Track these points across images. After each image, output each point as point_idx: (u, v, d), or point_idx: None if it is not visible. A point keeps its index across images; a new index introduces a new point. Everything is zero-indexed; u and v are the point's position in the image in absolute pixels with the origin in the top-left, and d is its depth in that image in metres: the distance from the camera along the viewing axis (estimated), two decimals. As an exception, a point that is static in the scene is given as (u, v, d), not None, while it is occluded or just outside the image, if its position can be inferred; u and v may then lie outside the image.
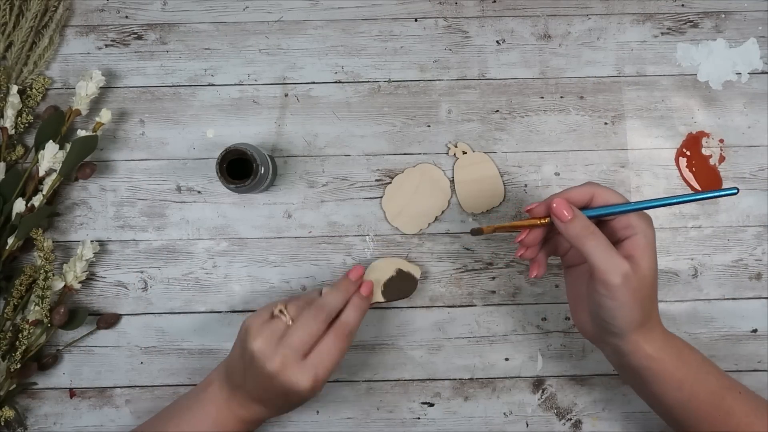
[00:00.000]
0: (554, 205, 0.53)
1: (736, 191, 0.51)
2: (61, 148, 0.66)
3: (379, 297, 0.63)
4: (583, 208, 0.54)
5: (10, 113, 0.67)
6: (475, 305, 0.69)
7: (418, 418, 0.68)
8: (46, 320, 0.65)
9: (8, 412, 0.64)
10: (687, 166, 0.69)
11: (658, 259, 0.68)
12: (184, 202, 0.69)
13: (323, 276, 0.69)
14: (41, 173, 0.66)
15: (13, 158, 0.68)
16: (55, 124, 0.67)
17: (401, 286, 0.64)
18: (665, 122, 0.70)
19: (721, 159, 0.69)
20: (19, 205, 0.65)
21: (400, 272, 0.64)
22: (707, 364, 0.57)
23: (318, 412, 0.68)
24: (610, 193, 0.54)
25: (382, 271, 0.64)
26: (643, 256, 0.52)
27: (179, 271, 0.69)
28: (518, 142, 0.70)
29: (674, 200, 0.54)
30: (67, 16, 0.70)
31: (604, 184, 0.68)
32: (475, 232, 0.58)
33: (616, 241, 0.53)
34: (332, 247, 0.69)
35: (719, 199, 0.69)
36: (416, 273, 0.64)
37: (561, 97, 0.70)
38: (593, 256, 0.52)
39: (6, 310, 0.65)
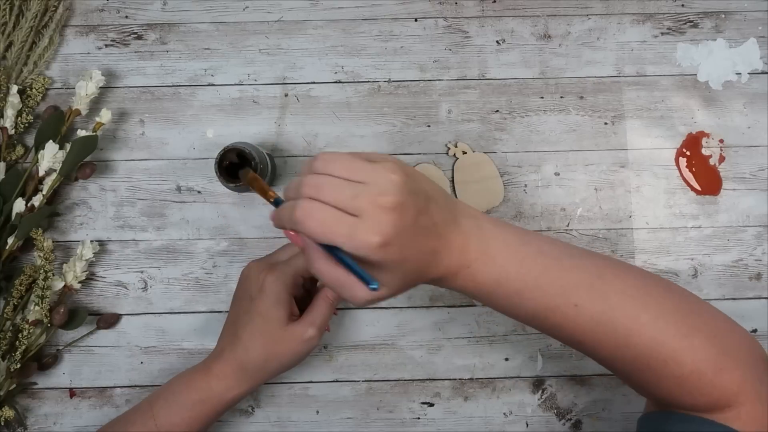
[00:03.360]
0: (288, 233, 0.49)
1: (375, 286, 0.44)
2: (61, 148, 0.66)
3: None
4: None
5: (10, 113, 0.67)
6: (475, 305, 0.69)
7: (418, 418, 0.68)
8: (46, 320, 0.65)
9: (8, 412, 0.64)
10: (687, 166, 0.69)
11: (658, 260, 0.68)
12: (184, 202, 0.69)
13: (323, 276, 0.69)
14: (41, 173, 0.66)
15: (13, 158, 0.68)
16: (55, 124, 0.67)
17: None
18: (665, 122, 0.70)
19: (721, 159, 0.69)
20: (19, 205, 0.65)
21: None
22: (527, 289, 0.50)
23: (318, 412, 0.68)
24: (314, 226, 0.45)
25: None
26: (380, 280, 0.46)
27: (179, 271, 0.69)
28: (518, 142, 0.70)
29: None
30: (67, 16, 0.70)
31: (604, 184, 0.69)
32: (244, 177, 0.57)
33: None
34: (332, 247, 0.69)
35: (719, 199, 0.69)
36: None
37: (561, 97, 0.70)
38: (334, 287, 0.47)
39: (6, 310, 0.65)
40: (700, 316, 0.51)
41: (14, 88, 0.67)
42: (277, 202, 0.52)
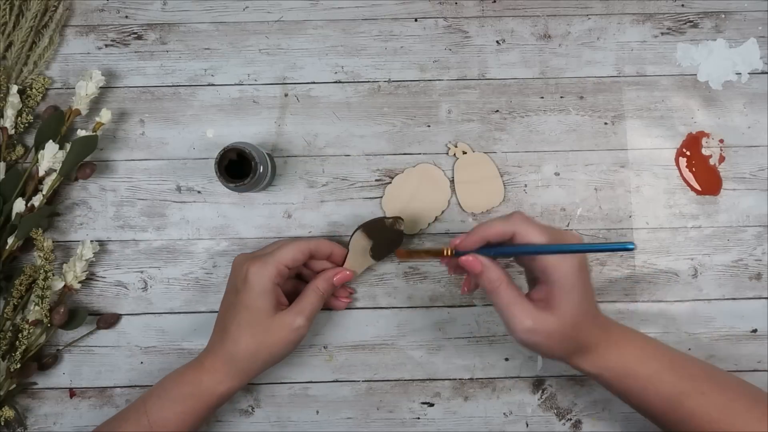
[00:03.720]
0: (467, 258, 0.55)
1: (632, 246, 0.49)
2: (61, 148, 0.66)
3: (368, 262, 0.65)
4: (504, 243, 0.55)
5: (10, 113, 0.67)
6: (475, 305, 0.69)
7: (418, 418, 0.68)
8: (46, 320, 0.65)
9: (8, 412, 0.64)
10: (687, 166, 0.69)
11: (658, 260, 0.68)
12: (184, 202, 0.69)
13: (323, 276, 0.69)
14: (41, 173, 0.66)
15: (13, 158, 0.68)
16: (55, 124, 0.67)
17: (386, 238, 0.65)
18: (665, 122, 0.70)
19: (721, 159, 0.69)
20: (19, 205, 0.65)
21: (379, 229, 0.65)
22: (663, 371, 0.56)
23: (318, 412, 0.68)
24: (533, 232, 0.53)
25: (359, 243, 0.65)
26: (559, 303, 0.53)
27: (179, 271, 0.69)
28: (518, 142, 0.70)
29: (578, 248, 0.52)
30: (67, 16, 0.70)
31: (604, 184, 0.69)
32: (399, 253, 0.62)
33: (534, 279, 0.55)
34: (332, 247, 0.69)
35: (719, 199, 0.69)
36: (400, 224, 0.65)
37: (561, 97, 0.70)
38: (499, 310, 0.54)
39: (6, 310, 0.65)
40: None
41: (14, 88, 0.67)
42: (457, 254, 0.56)
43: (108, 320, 0.68)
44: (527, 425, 0.68)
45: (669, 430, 0.58)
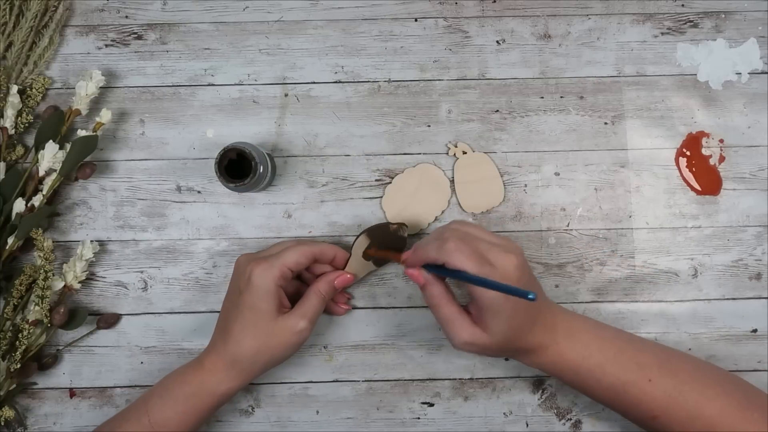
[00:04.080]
0: (410, 272, 0.58)
1: (533, 297, 0.49)
2: (61, 148, 0.66)
3: (370, 267, 0.66)
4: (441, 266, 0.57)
5: (10, 113, 0.67)
6: (475, 305, 0.69)
7: (418, 418, 0.68)
8: (46, 320, 0.65)
9: (8, 412, 0.64)
10: (687, 166, 0.69)
11: (658, 260, 0.68)
12: (184, 202, 0.69)
13: (323, 276, 0.69)
14: (41, 173, 0.66)
15: (13, 158, 0.68)
16: (55, 124, 0.67)
17: (389, 245, 0.66)
18: (665, 122, 0.70)
19: (721, 159, 0.69)
20: (19, 205, 0.65)
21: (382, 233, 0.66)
22: (606, 363, 0.58)
23: (318, 412, 0.68)
24: (461, 261, 0.54)
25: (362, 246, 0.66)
26: (488, 324, 0.56)
27: (179, 271, 0.69)
28: (518, 142, 0.70)
29: (488, 284, 0.54)
30: (67, 16, 0.70)
31: (604, 184, 0.69)
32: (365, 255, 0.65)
33: (472, 299, 0.57)
34: (332, 247, 0.69)
35: (719, 199, 0.69)
36: (403, 230, 0.66)
37: (561, 97, 0.70)
38: (439, 323, 0.58)
39: (6, 310, 0.65)
40: (757, 395, 0.58)
41: (14, 88, 0.67)
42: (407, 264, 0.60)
43: (108, 320, 0.68)
44: (527, 425, 0.68)
45: (619, 413, 0.61)
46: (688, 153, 0.70)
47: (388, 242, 0.65)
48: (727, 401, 0.57)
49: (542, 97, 0.70)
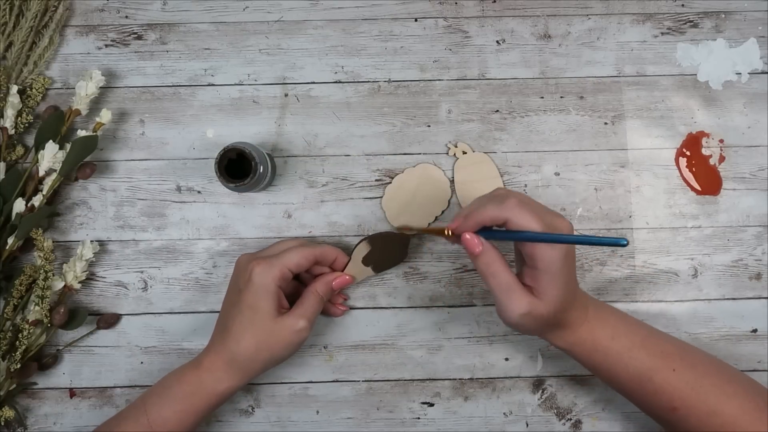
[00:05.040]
0: (467, 237, 0.55)
1: (625, 243, 0.51)
2: (61, 148, 0.66)
3: (368, 272, 0.65)
4: (500, 225, 0.55)
5: (10, 113, 0.67)
6: (475, 305, 0.69)
7: (418, 418, 0.68)
8: (46, 320, 0.65)
9: (8, 412, 0.64)
10: (687, 166, 0.69)
11: (659, 260, 0.69)
12: (184, 202, 0.69)
13: (323, 276, 0.69)
14: (41, 173, 0.66)
15: (13, 158, 0.68)
16: (55, 124, 0.67)
17: (389, 253, 0.66)
18: (665, 122, 0.70)
19: (721, 159, 0.69)
20: (19, 205, 0.65)
21: (383, 240, 0.66)
22: (634, 347, 0.58)
23: (318, 412, 0.68)
24: (526, 218, 0.53)
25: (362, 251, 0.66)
26: (545, 289, 0.54)
27: (179, 271, 0.69)
28: (518, 142, 0.70)
29: (571, 239, 0.53)
30: (67, 16, 0.70)
31: (604, 184, 0.69)
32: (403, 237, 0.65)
33: (525, 265, 0.56)
34: (332, 247, 0.69)
35: (719, 199, 0.69)
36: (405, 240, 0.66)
37: (561, 97, 0.70)
38: (494, 293, 0.55)
39: (6, 310, 0.65)
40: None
41: (14, 88, 0.67)
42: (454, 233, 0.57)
43: (108, 320, 0.68)
44: (527, 425, 0.68)
45: (639, 404, 0.60)
46: (688, 153, 0.70)
47: (389, 251, 0.65)
48: (746, 400, 0.56)
49: (542, 97, 0.70)
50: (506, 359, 0.68)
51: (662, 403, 0.58)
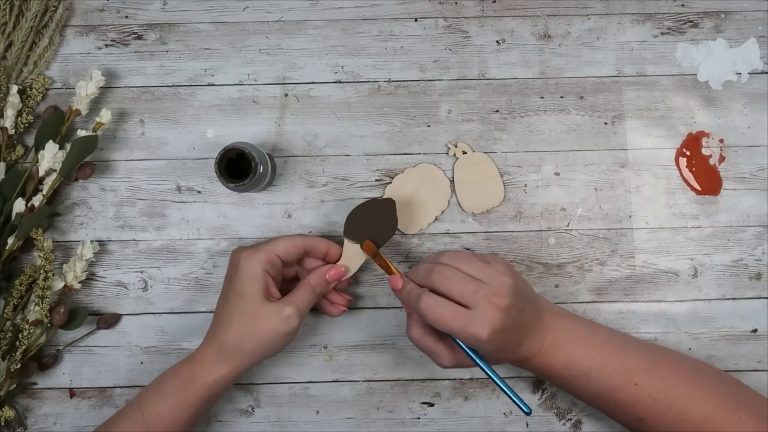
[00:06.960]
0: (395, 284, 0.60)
1: (528, 411, 0.57)
2: (61, 148, 0.66)
3: (362, 257, 0.64)
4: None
5: (10, 113, 0.67)
6: (475, 305, 0.69)
7: (418, 418, 0.68)
8: (46, 320, 0.65)
9: (8, 412, 0.64)
10: (687, 166, 0.69)
11: (658, 260, 0.68)
12: (184, 202, 0.69)
13: (323, 276, 0.69)
14: (41, 173, 0.66)
15: (13, 158, 0.68)
16: (55, 124, 0.67)
17: (379, 223, 0.64)
18: (665, 122, 0.70)
19: (721, 159, 0.69)
20: (19, 205, 0.65)
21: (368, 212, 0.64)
22: (591, 371, 0.59)
23: (318, 412, 0.68)
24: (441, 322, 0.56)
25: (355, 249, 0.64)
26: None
27: (179, 271, 0.69)
28: (518, 142, 0.70)
29: (490, 375, 0.57)
30: (67, 16, 0.70)
31: (604, 184, 0.69)
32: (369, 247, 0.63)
33: None
34: (332, 247, 0.69)
35: (719, 199, 0.69)
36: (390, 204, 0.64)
37: (561, 97, 0.70)
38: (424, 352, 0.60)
39: (6, 310, 0.65)
40: (747, 396, 0.59)
41: (14, 88, 0.67)
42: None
43: (108, 320, 0.68)
44: (527, 425, 0.68)
45: (607, 415, 0.62)
46: (688, 153, 0.70)
47: (377, 221, 0.64)
48: (716, 403, 0.57)
49: (542, 97, 0.70)
50: (506, 359, 0.68)
51: (626, 416, 0.59)
